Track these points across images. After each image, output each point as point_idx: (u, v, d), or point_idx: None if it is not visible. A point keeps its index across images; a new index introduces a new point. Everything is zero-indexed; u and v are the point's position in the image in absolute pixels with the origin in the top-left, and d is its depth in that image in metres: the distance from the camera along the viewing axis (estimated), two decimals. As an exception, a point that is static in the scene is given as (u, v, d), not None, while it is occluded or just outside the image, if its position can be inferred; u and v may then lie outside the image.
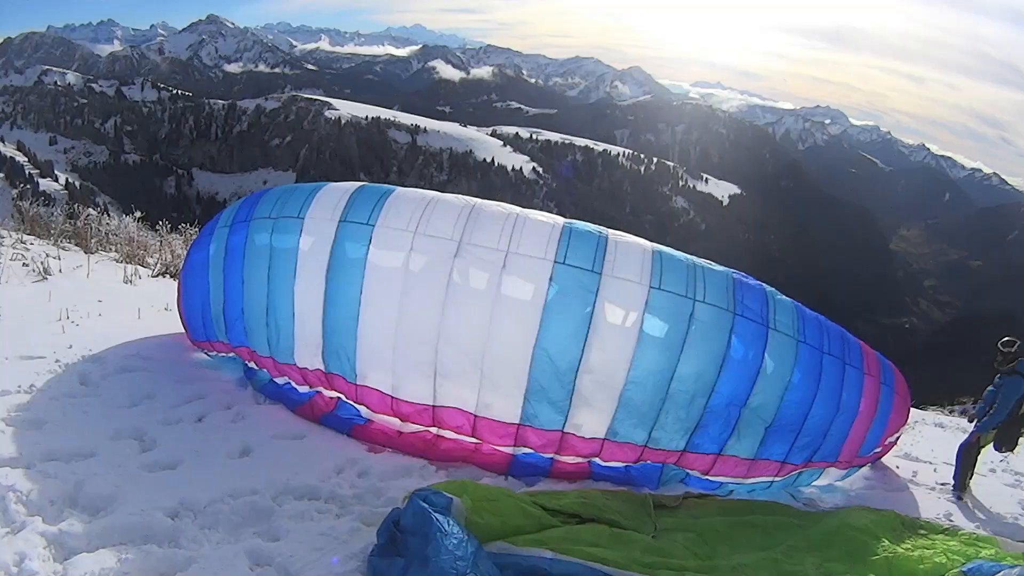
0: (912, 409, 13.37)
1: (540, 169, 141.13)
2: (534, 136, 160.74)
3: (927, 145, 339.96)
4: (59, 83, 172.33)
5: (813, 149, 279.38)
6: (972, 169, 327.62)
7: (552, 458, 5.39)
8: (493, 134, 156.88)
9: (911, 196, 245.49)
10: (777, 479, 5.85)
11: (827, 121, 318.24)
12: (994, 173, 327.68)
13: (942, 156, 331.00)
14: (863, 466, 6.59)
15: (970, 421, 7.29)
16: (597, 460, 5.47)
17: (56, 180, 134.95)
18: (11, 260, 8.10)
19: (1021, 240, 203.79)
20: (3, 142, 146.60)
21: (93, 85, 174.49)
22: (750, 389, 5.23)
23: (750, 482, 5.76)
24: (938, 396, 27.17)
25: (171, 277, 9.30)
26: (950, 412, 15.47)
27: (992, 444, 6.77)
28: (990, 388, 6.82)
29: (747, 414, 5.33)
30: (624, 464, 5.48)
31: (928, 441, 8.91)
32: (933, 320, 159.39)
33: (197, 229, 11.02)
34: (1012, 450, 6.88)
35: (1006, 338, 6.77)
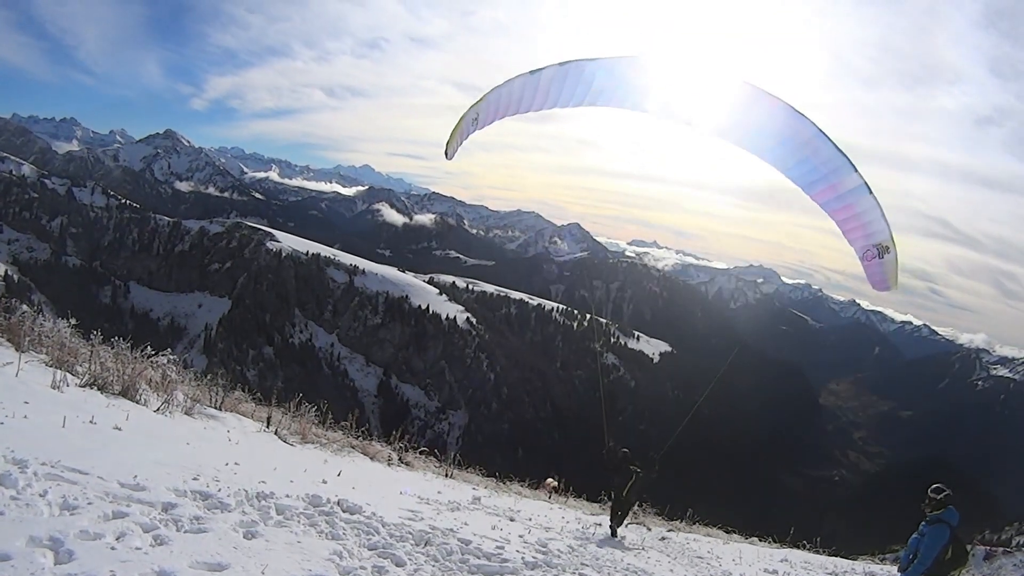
0: (843, 560, 13.48)
1: (474, 320, 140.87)
2: (470, 286, 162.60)
3: (857, 301, 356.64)
4: (14, 172, 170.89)
5: (745, 307, 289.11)
6: (902, 322, 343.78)
7: None
8: (430, 281, 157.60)
9: (841, 351, 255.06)
10: None
11: (759, 280, 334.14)
12: (924, 324, 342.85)
13: (872, 311, 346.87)
14: None
15: (899, 571, 7.38)
16: None
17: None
18: (-60, 344, 7.80)
19: (951, 389, 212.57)
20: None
21: (46, 180, 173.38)
22: None
23: None
24: (869, 546, 27.31)
25: (99, 390, 8.98)
26: (881, 561, 15.54)
27: None
28: (914, 535, 6.96)
29: None
30: None
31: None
32: (863, 471, 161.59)
33: (129, 345, 10.67)
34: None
35: (936, 485, 6.86)
